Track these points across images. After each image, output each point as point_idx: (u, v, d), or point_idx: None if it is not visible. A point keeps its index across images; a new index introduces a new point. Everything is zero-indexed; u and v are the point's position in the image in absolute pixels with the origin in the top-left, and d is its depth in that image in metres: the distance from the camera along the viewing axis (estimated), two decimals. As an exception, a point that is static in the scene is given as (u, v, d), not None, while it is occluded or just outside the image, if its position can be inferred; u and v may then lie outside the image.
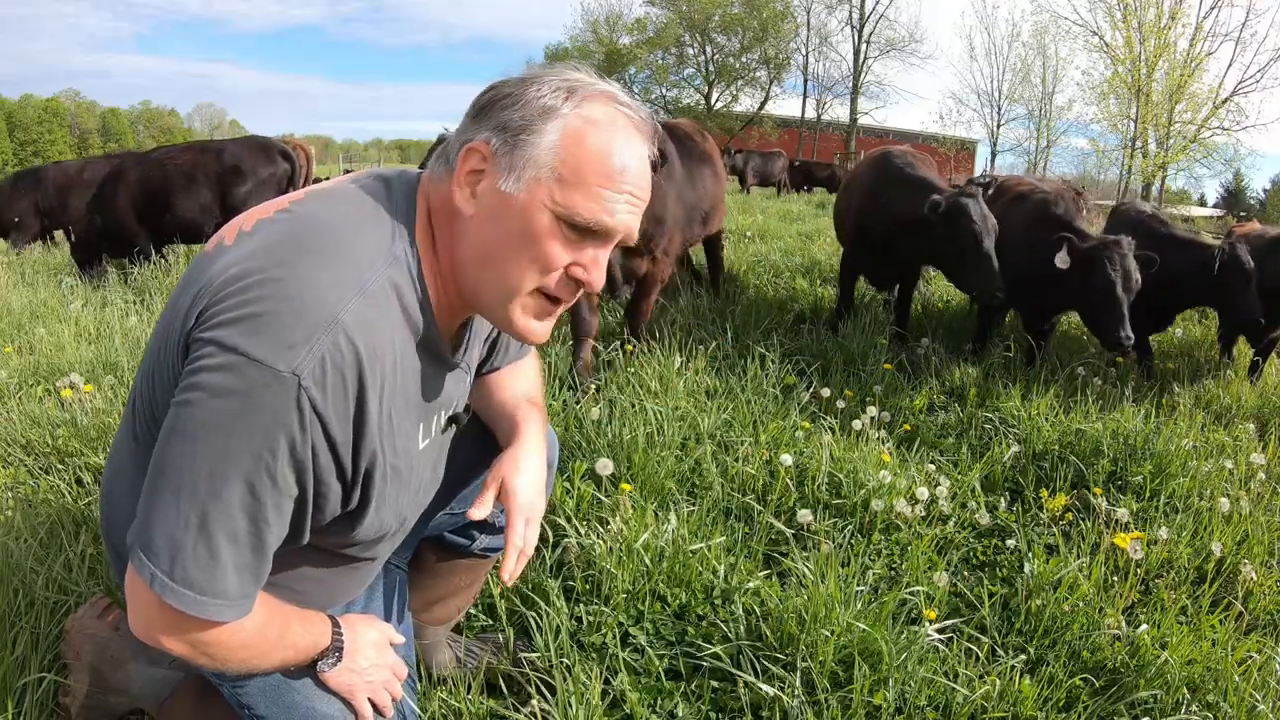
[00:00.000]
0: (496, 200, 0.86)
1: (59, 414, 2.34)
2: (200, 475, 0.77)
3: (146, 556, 0.79)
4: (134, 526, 0.81)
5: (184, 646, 0.84)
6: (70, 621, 1.29)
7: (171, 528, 0.78)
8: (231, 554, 0.80)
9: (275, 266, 0.80)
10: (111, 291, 4.24)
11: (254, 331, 0.76)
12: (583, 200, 0.85)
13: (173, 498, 0.78)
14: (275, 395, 0.76)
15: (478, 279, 0.90)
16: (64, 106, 51.81)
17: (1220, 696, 1.49)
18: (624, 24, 32.76)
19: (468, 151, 0.87)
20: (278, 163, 5.10)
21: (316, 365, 0.77)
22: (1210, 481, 2.36)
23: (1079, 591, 1.74)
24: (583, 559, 1.70)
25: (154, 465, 0.80)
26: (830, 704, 1.38)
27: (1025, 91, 28.76)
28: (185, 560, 0.78)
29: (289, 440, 0.78)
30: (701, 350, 3.10)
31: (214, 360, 0.77)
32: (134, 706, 1.25)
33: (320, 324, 0.77)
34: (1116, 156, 24.10)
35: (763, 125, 32.08)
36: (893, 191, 3.60)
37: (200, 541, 0.78)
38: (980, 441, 2.69)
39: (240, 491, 0.78)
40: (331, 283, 0.80)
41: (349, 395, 0.81)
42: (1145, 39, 22.38)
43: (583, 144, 0.84)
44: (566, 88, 0.86)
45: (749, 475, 2.17)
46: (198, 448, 0.77)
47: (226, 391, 0.76)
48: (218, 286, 0.81)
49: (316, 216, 0.87)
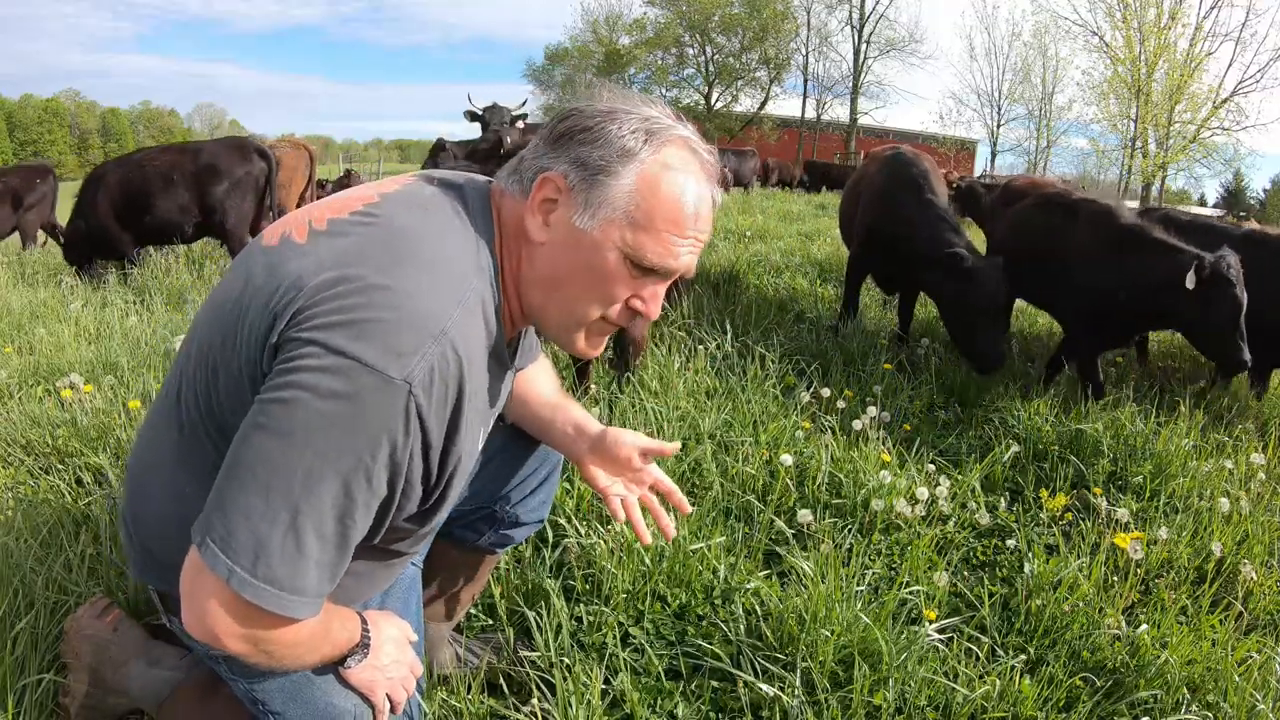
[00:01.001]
0: (569, 233, 0.89)
1: (59, 414, 2.34)
2: (296, 473, 0.77)
3: (226, 553, 0.77)
4: (205, 522, 0.80)
5: (245, 645, 0.83)
6: (69, 622, 1.29)
7: (257, 524, 0.77)
8: (317, 552, 0.80)
9: (376, 274, 0.81)
10: (111, 291, 4.24)
11: (363, 336, 0.77)
12: (652, 244, 0.89)
13: (260, 494, 0.77)
14: (386, 401, 0.77)
15: (545, 301, 0.94)
16: (64, 106, 51.83)
17: (1220, 696, 1.49)
18: (624, 24, 32.80)
19: (544, 180, 0.89)
20: (254, 161, 5.10)
21: (426, 374, 0.79)
22: (1210, 481, 2.36)
23: (1079, 591, 1.74)
24: (583, 559, 1.70)
25: (237, 461, 0.79)
26: (830, 704, 1.38)
27: (1025, 91, 28.81)
28: (270, 557, 0.77)
29: (391, 444, 0.79)
30: (701, 350, 3.09)
31: (319, 361, 0.77)
32: (133, 707, 1.25)
33: (429, 334, 0.80)
34: (1116, 156, 24.14)
35: (762, 125, 32.09)
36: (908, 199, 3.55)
37: (289, 539, 0.78)
38: (980, 441, 2.69)
39: (335, 492, 0.78)
40: (434, 294, 0.82)
41: (449, 404, 0.83)
42: (1145, 39, 22.40)
43: (657, 191, 0.88)
44: (645, 130, 0.89)
45: (749, 475, 2.17)
46: (295, 446, 0.77)
47: (333, 394, 0.76)
48: (314, 289, 0.81)
49: (405, 224, 0.88)
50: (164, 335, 3.24)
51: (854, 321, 3.92)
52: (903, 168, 3.71)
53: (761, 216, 9.61)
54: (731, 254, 6.11)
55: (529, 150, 0.94)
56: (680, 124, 0.93)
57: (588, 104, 0.92)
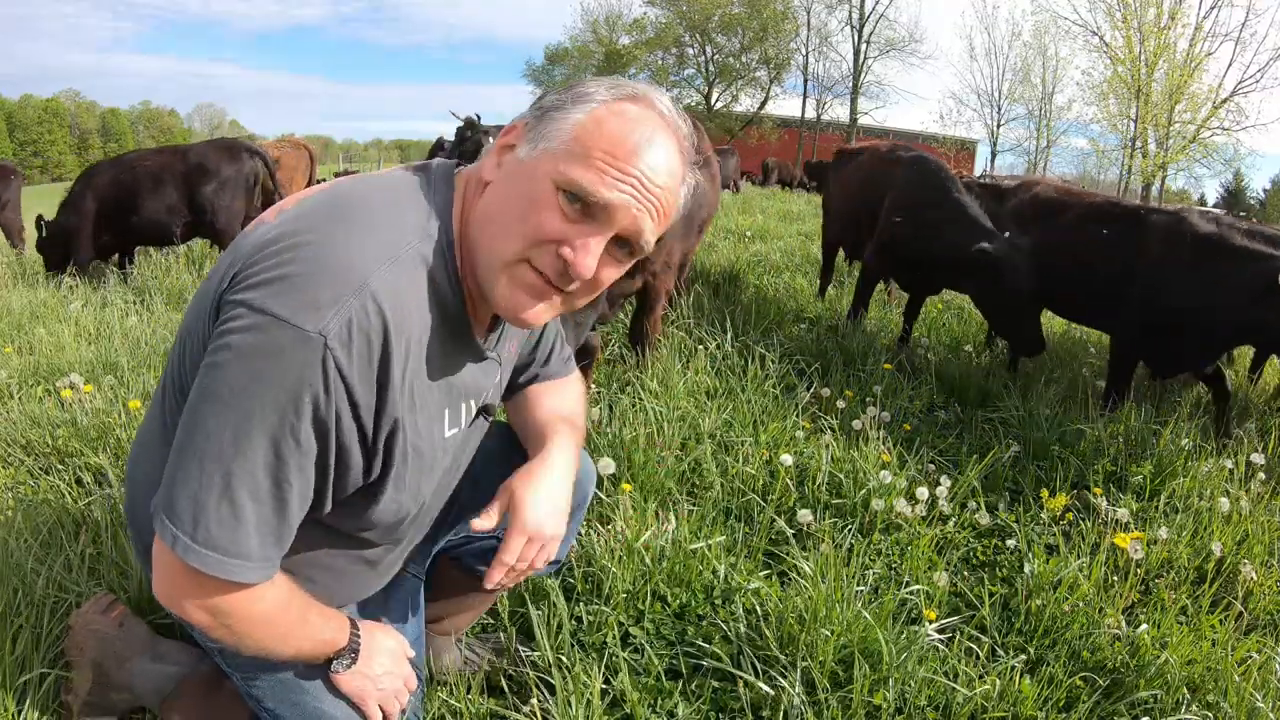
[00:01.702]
0: (513, 166, 0.87)
1: (59, 414, 2.34)
2: (225, 436, 0.77)
3: (169, 520, 0.80)
4: (158, 494, 0.81)
5: (205, 615, 0.85)
6: (74, 618, 1.29)
7: (195, 489, 0.79)
8: (254, 514, 0.80)
9: (307, 231, 0.82)
10: (111, 291, 4.24)
11: (282, 292, 0.77)
12: (583, 171, 0.83)
13: (196, 460, 0.78)
14: (301, 355, 0.76)
15: (476, 243, 0.89)
16: (64, 106, 51.83)
17: (1220, 696, 1.49)
18: (624, 24, 32.80)
19: (508, 129, 0.90)
20: (243, 161, 5.11)
21: (343, 327, 0.77)
22: (1210, 481, 2.36)
23: (1079, 591, 1.74)
24: (583, 559, 1.70)
25: (180, 430, 0.81)
26: (830, 704, 1.38)
27: (1025, 91, 28.79)
28: (209, 521, 0.79)
29: (313, 400, 0.78)
30: (701, 350, 3.09)
31: (243, 321, 0.77)
32: (137, 703, 1.25)
33: (348, 287, 0.78)
34: (1116, 156, 24.14)
35: (763, 125, 32.10)
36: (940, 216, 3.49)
37: (224, 502, 0.79)
38: (980, 441, 2.69)
39: (264, 451, 0.78)
40: (361, 249, 0.80)
41: (373, 360, 0.81)
42: (1145, 39, 22.39)
43: (601, 125, 0.84)
44: (613, 83, 0.88)
45: (749, 475, 2.17)
46: (223, 408, 0.77)
47: (253, 351, 0.76)
48: (249, 251, 0.82)
49: (354, 191, 0.89)
50: (164, 335, 3.25)
51: (857, 323, 3.91)
52: (931, 173, 3.67)
53: (761, 216, 9.61)
54: (731, 254, 6.11)
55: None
56: (658, 91, 0.89)
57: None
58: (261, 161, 5.21)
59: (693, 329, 3.61)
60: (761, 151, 28.90)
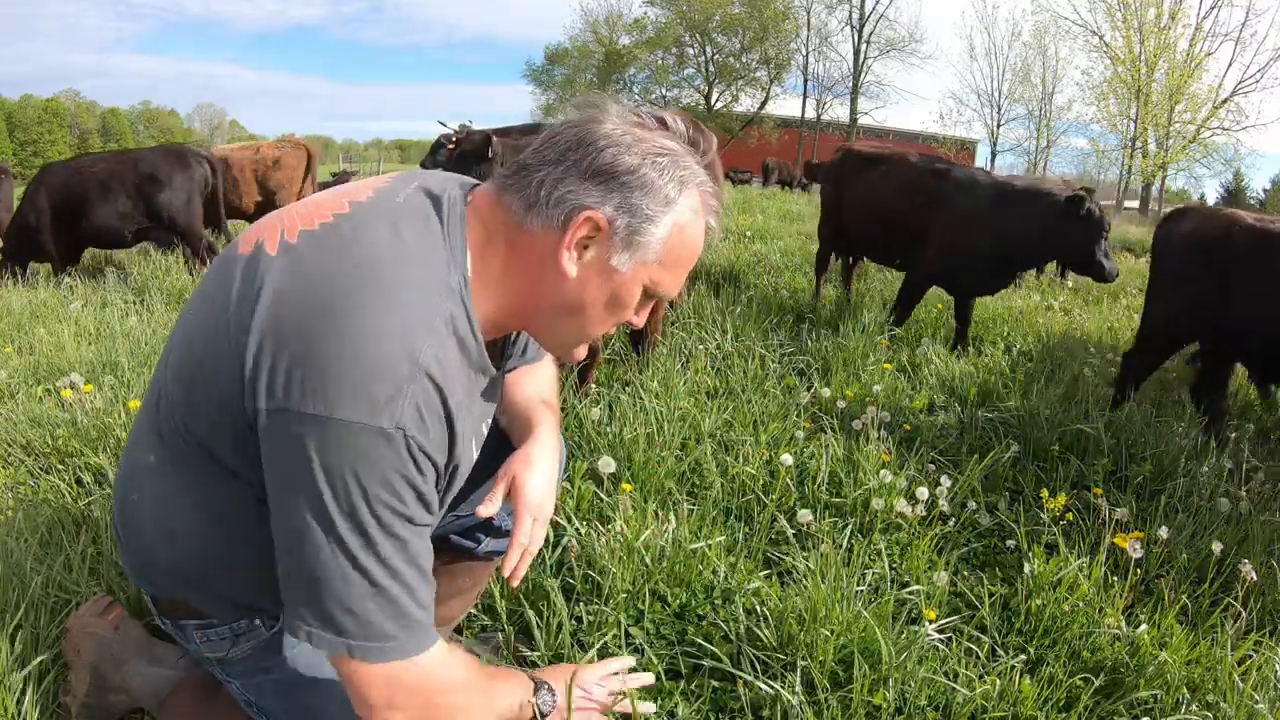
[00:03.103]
0: (602, 270, 0.93)
1: (59, 414, 2.33)
2: (352, 546, 0.82)
3: (335, 633, 0.84)
4: (302, 620, 0.85)
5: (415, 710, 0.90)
6: (71, 620, 1.29)
7: (350, 603, 0.84)
8: (404, 594, 0.86)
9: (342, 317, 0.81)
10: (111, 291, 4.24)
11: (346, 395, 0.79)
12: (671, 280, 0.97)
13: (338, 576, 0.83)
14: (389, 451, 0.81)
15: (555, 322, 0.98)
16: (64, 106, 51.81)
17: (1220, 696, 1.49)
18: (624, 24, 32.77)
19: (586, 220, 0.90)
20: (193, 169, 5.20)
21: (415, 414, 0.82)
22: (1210, 481, 2.36)
23: (1079, 591, 1.74)
24: (583, 558, 1.70)
25: (301, 555, 0.83)
26: (830, 704, 1.38)
27: (1025, 91, 28.81)
28: (373, 620, 0.84)
29: (411, 483, 0.84)
30: (701, 350, 3.10)
31: (317, 433, 0.79)
32: (134, 705, 1.25)
33: (404, 375, 0.81)
34: (1116, 156, 24.15)
35: (763, 125, 32.09)
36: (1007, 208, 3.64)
37: (379, 599, 0.84)
38: (980, 441, 2.69)
39: (390, 542, 0.84)
40: (402, 329, 0.83)
41: (443, 430, 0.87)
42: (1145, 39, 22.40)
43: (684, 235, 0.95)
44: (680, 179, 0.93)
45: (749, 475, 2.17)
46: (338, 522, 0.81)
47: (342, 460, 0.80)
48: (279, 331, 0.82)
49: (370, 249, 0.87)
50: (164, 335, 3.25)
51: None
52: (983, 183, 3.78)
53: (761, 216, 9.62)
54: (731, 254, 6.11)
55: (547, 172, 0.91)
56: (695, 156, 0.96)
57: (610, 126, 0.91)
58: (209, 167, 5.32)
59: (693, 329, 3.61)
60: (762, 151, 28.92)
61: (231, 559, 0.98)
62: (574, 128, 0.92)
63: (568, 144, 0.91)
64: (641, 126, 0.93)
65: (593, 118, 0.92)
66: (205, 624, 1.03)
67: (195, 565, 0.99)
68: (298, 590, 0.85)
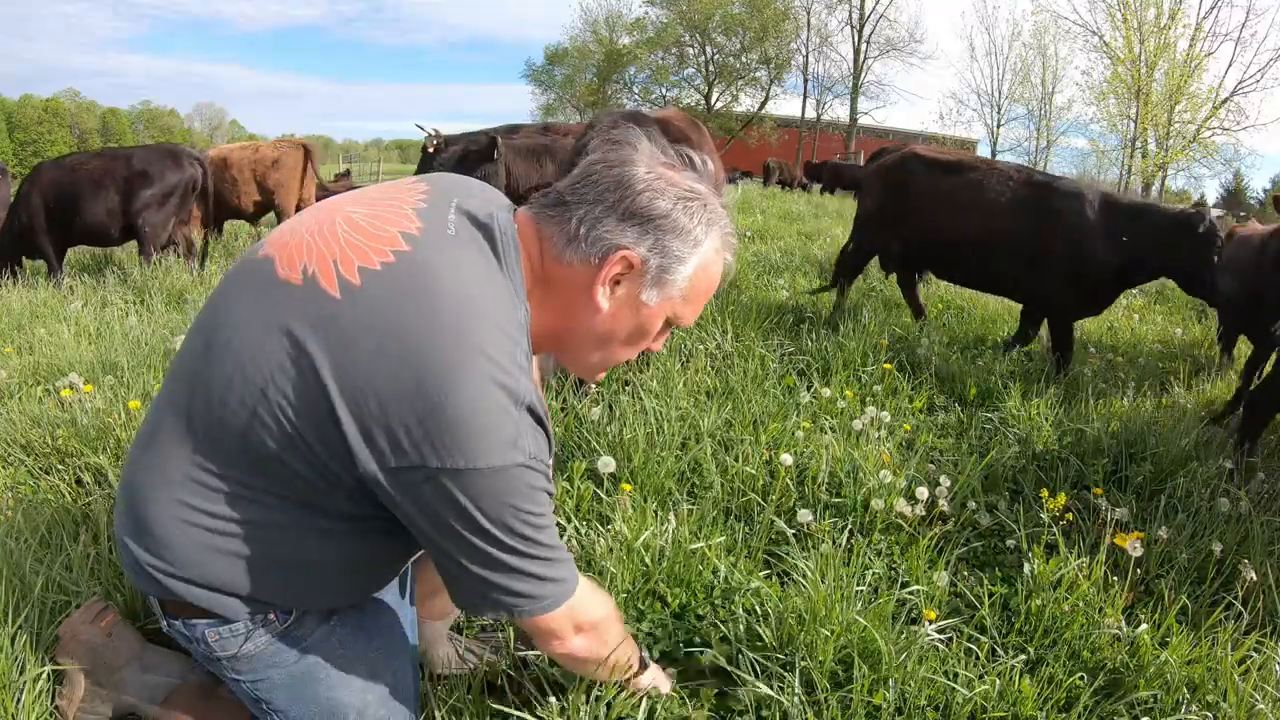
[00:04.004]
0: (632, 304, 1.03)
1: (59, 414, 2.33)
2: (517, 549, 0.95)
3: (529, 603, 0.99)
4: (494, 601, 0.98)
5: (593, 642, 1.12)
6: (64, 626, 1.28)
7: (523, 585, 0.98)
8: (555, 551, 1.01)
9: (448, 373, 0.88)
10: (111, 291, 4.24)
11: (480, 444, 0.88)
12: (692, 312, 1.08)
13: (510, 573, 0.96)
14: (528, 479, 0.93)
15: (583, 350, 1.09)
16: (64, 106, 51.80)
17: (1220, 696, 1.49)
18: (624, 24, 32.80)
19: (621, 258, 0.99)
20: (185, 169, 5.22)
21: (532, 441, 0.93)
22: (1210, 481, 2.36)
23: (1079, 591, 1.74)
24: (583, 558, 1.70)
25: (463, 566, 0.96)
26: (830, 704, 1.38)
27: (1025, 91, 28.84)
28: (545, 584, 1.00)
29: (548, 490, 0.97)
30: (701, 350, 3.09)
31: (463, 484, 0.90)
32: (130, 710, 1.25)
33: (515, 413, 0.91)
34: (1116, 156, 24.16)
35: (763, 125, 32.10)
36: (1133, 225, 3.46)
37: (545, 566, 0.99)
38: (980, 441, 2.69)
39: (541, 534, 0.97)
40: (502, 374, 0.91)
41: (547, 439, 0.98)
42: (1145, 39, 22.40)
43: (707, 272, 1.05)
44: (707, 220, 1.02)
45: (749, 475, 2.17)
46: (500, 540, 0.94)
47: (495, 498, 0.91)
48: (389, 401, 0.88)
49: (446, 292, 0.93)
50: (164, 335, 3.25)
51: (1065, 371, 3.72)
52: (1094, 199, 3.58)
53: (761, 216, 9.62)
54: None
55: (586, 210, 0.99)
56: (716, 197, 1.05)
57: (643, 170, 1.00)
58: (201, 169, 5.34)
59: (693, 329, 3.61)
60: (761, 152, 28.89)
61: (264, 564, 0.99)
62: (612, 169, 0.99)
63: (606, 186, 0.99)
64: (671, 168, 1.02)
65: (628, 159, 1.00)
66: (218, 622, 1.02)
67: (224, 571, 0.98)
68: (477, 587, 0.97)
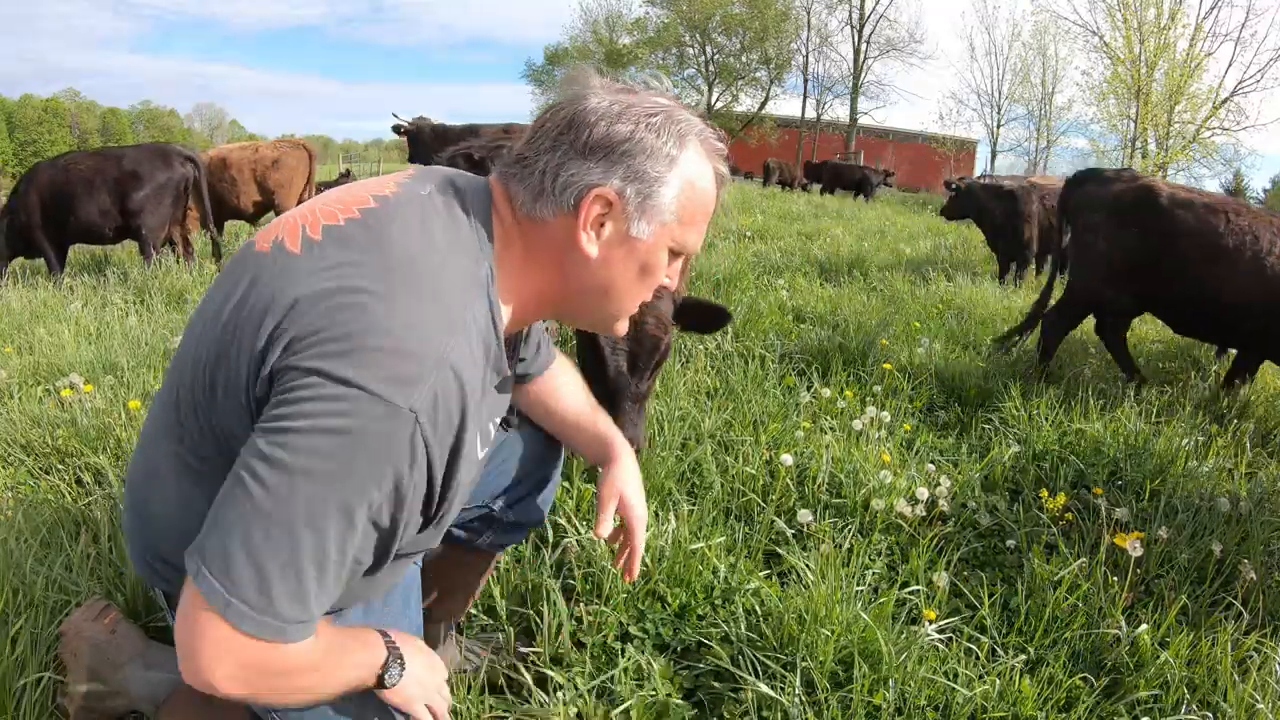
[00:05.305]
0: (624, 242, 0.92)
1: (59, 414, 2.33)
2: (298, 506, 0.74)
3: (225, 585, 0.74)
4: (201, 551, 0.76)
5: (240, 686, 0.78)
6: (67, 624, 1.29)
7: (259, 557, 0.74)
8: (317, 584, 0.78)
9: (373, 300, 0.79)
10: (111, 291, 4.24)
11: (365, 364, 0.75)
12: (695, 237, 0.97)
13: (261, 526, 0.74)
14: (392, 430, 0.76)
15: (589, 305, 0.98)
16: (64, 106, 51.81)
17: (1220, 696, 1.49)
18: (624, 24, 32.81)
19: (596, 197, 0.89)
20: (175, 168, 5.23)
21: (431, 403, 0.78)
22: (1210, 481, 2.36)
23: (1079, 591, 1.74)
24: (583, 559, 1.70)
25: (237, 492, 0.76)
26: (830, 704, 1.38)
27: (1025, 91, 28.85)
28: (272, 590, 0.75)
29: (396, 476, 0.78)
30: (701, 350, 3.09)
31: (323, 391, 0.75)
32: (132, 708, 1.25)
33: (431, 361, 0.78)
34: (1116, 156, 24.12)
35: (763, 125, 32.10)
36: None
37: (289, 572, 0.75)
38: (980, 441, 2.69)
39: (338, 525, 0.76)
40: (436, 320, 0.81)
41: (452, 430, 0.82)
42: (1145, 39, 22.40)
43: (695, 188, 0.93)
44: (678, 133, 0.92)
45: (749, 475, 2.17)
46: (298, 479, 0.74)
47: (338, 425, 0.74)
48: (309, 312, 0.78)
49: (401, 239, 0.85)
50: (164, 335, 3.25)
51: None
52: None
53: (761, 216, 9.62)
54: (731, 254, 6.12)
55: (546, 160, 0.89)
56: (689, 110, 0.94)
57: (595, 100, 0.89)
58: (194, 168, 5.35)
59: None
60: (761, 152, 28.89)
61: None
62: (561, 110, 0.90)
63: (559, 128, 0.90)
64: (628, 92, 0.92)
65: (577, 96, 0.90)
66: None
67: None
68: (219, 520, 0.76)
